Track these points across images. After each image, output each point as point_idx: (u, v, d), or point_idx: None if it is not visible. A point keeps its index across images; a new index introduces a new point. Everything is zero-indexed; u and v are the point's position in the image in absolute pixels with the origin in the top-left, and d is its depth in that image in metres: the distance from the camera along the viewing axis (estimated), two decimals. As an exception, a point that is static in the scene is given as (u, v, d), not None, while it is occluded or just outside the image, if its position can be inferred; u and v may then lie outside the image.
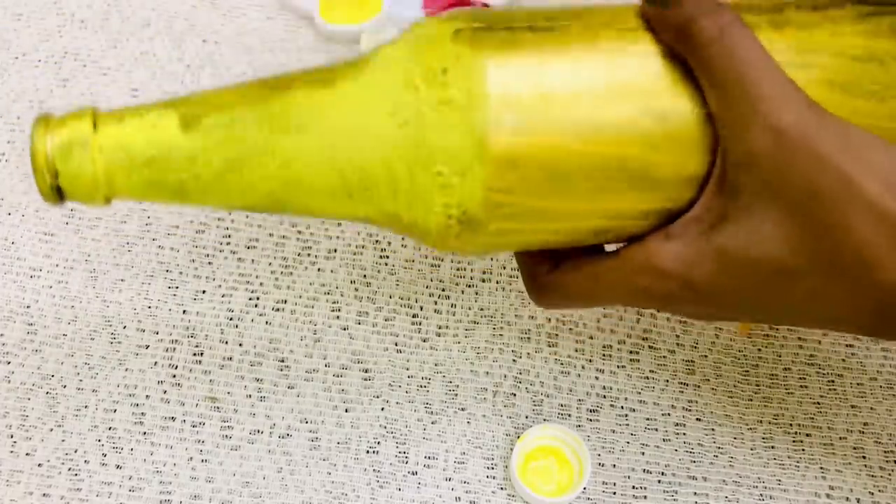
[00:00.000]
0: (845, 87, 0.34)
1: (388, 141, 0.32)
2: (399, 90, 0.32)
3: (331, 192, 0.33)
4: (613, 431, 0.44)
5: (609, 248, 0.36)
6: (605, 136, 0.32)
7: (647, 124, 0.32)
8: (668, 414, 0.45)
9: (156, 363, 0.45)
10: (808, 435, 0.45)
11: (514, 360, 0.46)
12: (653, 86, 0.33)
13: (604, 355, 0.47)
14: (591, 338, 0.47)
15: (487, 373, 0.46)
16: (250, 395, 0.45)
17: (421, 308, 0.48)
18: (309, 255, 0.49)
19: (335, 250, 0.49)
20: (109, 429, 0.43)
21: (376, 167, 0.32)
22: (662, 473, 0.43)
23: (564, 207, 0.33)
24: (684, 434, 0.44)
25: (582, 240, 0.35)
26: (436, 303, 0.48)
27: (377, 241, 0.50)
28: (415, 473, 0.43)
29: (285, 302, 0.47)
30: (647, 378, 0.46)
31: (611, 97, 0.32)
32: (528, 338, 0.47)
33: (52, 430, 0.43)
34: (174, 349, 0.46)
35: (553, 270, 0.36)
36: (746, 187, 0.32)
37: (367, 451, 0.43)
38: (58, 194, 0.32)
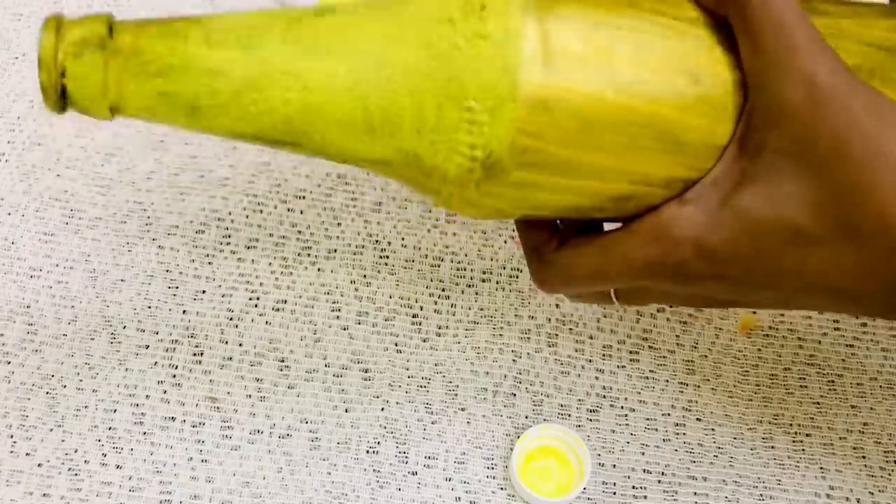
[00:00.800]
0: (872, 73, 0.34)
1: (420, 72, 0.31)
2: (434, 22, 0.31)
3: (352, 125, 0.32)
4: (613, 431, 0.44)
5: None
6: (640, 91, 0.32)
7: (682, 85, 0.32)
8: (668, 414, 0.45)
9: (156, 363, 0.45)
10: (808, 435, 0.45)
11: (514, 360, 0.46)
12: (689, 48, 0.32)
13: (604, 355, 0.47)
14: (591, 338, 0.47)
15: (487, 373, 0.46)
16: (250, 395, 0.45)
17: (421, 308, 0.48)
18: (309, 255, 0.49)
19: (335, 250, 0.49)
20: (109, 429, 0.43)
21: (403, 100, 0.31)
22: (662, 473, 0.43)
23: (590, 162, 0.32)
24: (684, 434, 0.44)
25: (600, 206, 0.34)
26: (436, 303, 0.48)
27: (377, 242, 0.50)
28: (415, 473, 0.43)
29: (285, 302, 0.47)
30: (647, 378, 0.46)
31: (649, 55, 0.32)
32: (528, 338, 0.47)
33: (52, 430, 0.43)
34: (174, 349, 0.46)
35: (560, 248, 0.35)
36: (771, 144, 0.31)
37: (367, 452, 0.43)
38: (61, 97, 0.30)
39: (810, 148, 0.31)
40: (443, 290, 0.48)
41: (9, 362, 0.45)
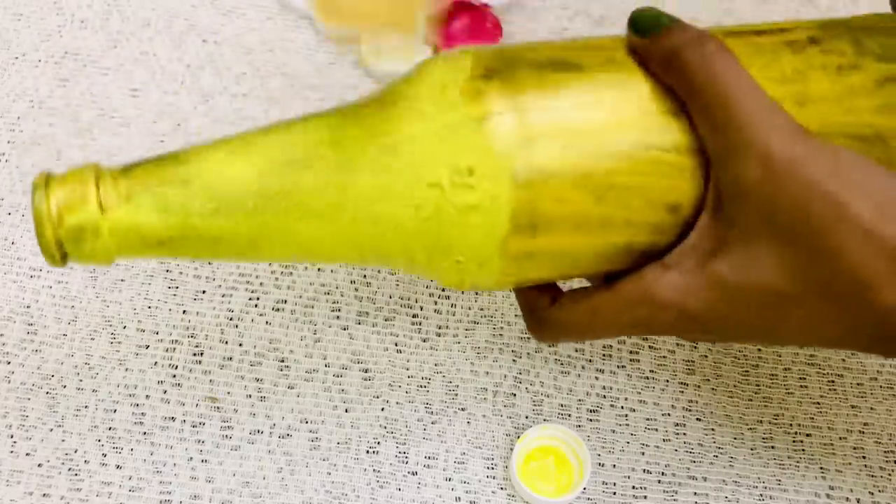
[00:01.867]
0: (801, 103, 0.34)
1: (409, 230, 0.33)
2: (423, 185, 0.32)
3: (347, 259, 0.34)
4: (613, 431, 0.44)
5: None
6: (616, 228, 0.34)
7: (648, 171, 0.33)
8: (668, 414, 0.45)
9: (156, 363, 0.45)
10: (808, 435, 0.45)
11: (514, 360, 0.46)
12: (643, 121, 0.33)
13: (604, 355, 0.47)
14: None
15: (487, 373, 0.46)
16: (250, 395, 0.45)
17: (421, 308, 0.48)
18: (309, 255, 0.49)
19: (335, 250, 0.49)
20: (109, 429, 0.43)
21: (395, 249, 0.33)
22: (662, 473, 0.43)
23: (571, 274, 0.35)
24: (684, 434, 0.44)
25: (587, 274, 0.36)
26: (436, 303, 0.48)
27: (377, 241, 0.50)
28: (415, 473, 0.43)
29: (285, 302, 0.47)
30: (647, 378, 0.46)
31: (624, 198, 0.33)
32: (528, 338, 0.47)
33: (52, 430, 0.43)
34: (174, 349, 0.46)
35: (551, 305, 0.36)
36: (739, 216, 0.32)
37: (367, 451, 0.43)
38: (65, 261, 0.32)
39: (776, 220, 0.31)
40: (443, 290, 0.48)
41: (9, 362, 0.45)
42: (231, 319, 0.47)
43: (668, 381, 0.46)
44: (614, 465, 0.43)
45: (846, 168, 0.31)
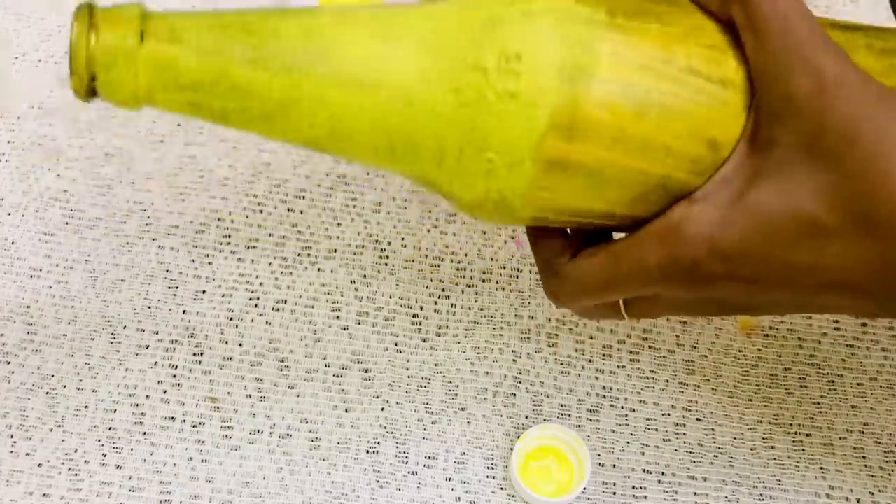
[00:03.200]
0: (883, 76, 0.34)
1: (445, 116, 0.32)
2: (467, 68, 0.31)
3: (375, 149, 0.33)
4: (613, 431, 0.44)
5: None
6: (654, 153, 0.32)
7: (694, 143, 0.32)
8: (668, 414, 0.45)
9: (156, 363, 0.45)
10: (808, 435, 0.45)
11: (514, 360, 0.46)
12: (693, 50, 0.32)
13: (604, 355, 0.47)
14: (591, 338, 0.47)
15: (487, 373, 0.46)
16: (250, 395, 0.45)
17: (421, 308, 0.48)
18: (309, 255, 0.49)
19: (335, 250, 0.49)
20: (109, 429, 0.43)
21: (427, 138, 0.32)
22: (662, 473, 0.43)
23: (599, 208, 0.34)
24: (684, 434, 0.44)
25: (612, 220, 0.35)
26: (436, 303, 0.48)
27: (377, 241, 0.50)
28: (415, 473, 0.43)
29: (285, 302, 0.47)
30: (647, 378, 0.46)
31: (672, 120, 0.32)
32: (528, 338, 0.47)
33: (52, 430, 0.43)
34: (174, 349, 0.46)
35: (572, 260, 0.35)
36: (781, 138, 0.31)
37: (367, 452, 0.43)
38: (91, 94, 0.31)
39: (820, 139, 0.31)
40: (443, 290, 0.48)
41: (9, 362, 0.45)
42: (231, 319, 0.47)
43: (668, 381, 0.46)
44: (614, 465, 0.43)
45: (892, 97, 0.31)
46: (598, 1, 0.32)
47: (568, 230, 0.37)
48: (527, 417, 0.45)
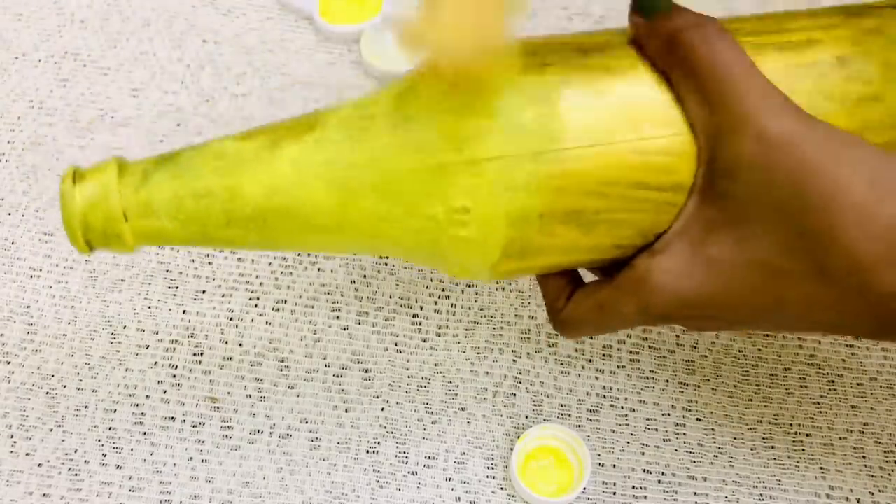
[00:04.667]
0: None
1: (409, 245, 0.35)
2: (420, 216, 0.33)
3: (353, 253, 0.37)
4: (613, 431, 0.44)
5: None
6: (604, 251, 0.35)
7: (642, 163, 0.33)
8: (668, 414, 0.45)
9: (156, 363, 0.45)
10: (808, 435, 0.45)
11: (514, 360, 0.46)
12: (642, 109, 0.33)
13: (604, 355, 0.47)
14: (591, 338, 0.47)
15: (487, 373, 0.46)
16: (250, 395, 0.45)
17: (421, 308, 0.48)
18: (309, 255, 0.49)
19: (335, 250, 0.49)
20: (109, 429, 0.43)
21: (396, 254, 0.36)
22: (662, 473, 0.43)
23: (561, 268, 0.37)
24: (684, 434, 0.44)
25: (587, 265, 0.37)
26: (436, 303, 0.48)
27: (377, 241, 0.50)
28: (415, 473, 0.43)
29: (285, 302, 0.47)
30: (647, 378, 0.46)
31: (615, 228, 0.34)
32: (528, 338, 0.47)
33: (52, 430, 0.43)
34: (174, 349, 0.46)
35: (567, 303, 0.37)
36: (734, 195, 0.32)
37: (367, 452, 0.43)
38: (92, 251, 0.34)
39: (770, 196, 0.31)
40: (443, 290, 0.48)
41: (9, 362, 0.45)
42: (231, 319, 0.47)
43: (668, 381, 0.46)
44: (614, 465, 0.43)
45: (840, 146, 0.31)
46: (545, 124, 0.33)
47: None
48: (527, 417, 0.45)
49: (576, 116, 0.33)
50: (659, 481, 0.43)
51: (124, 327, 0.46)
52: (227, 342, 0.46)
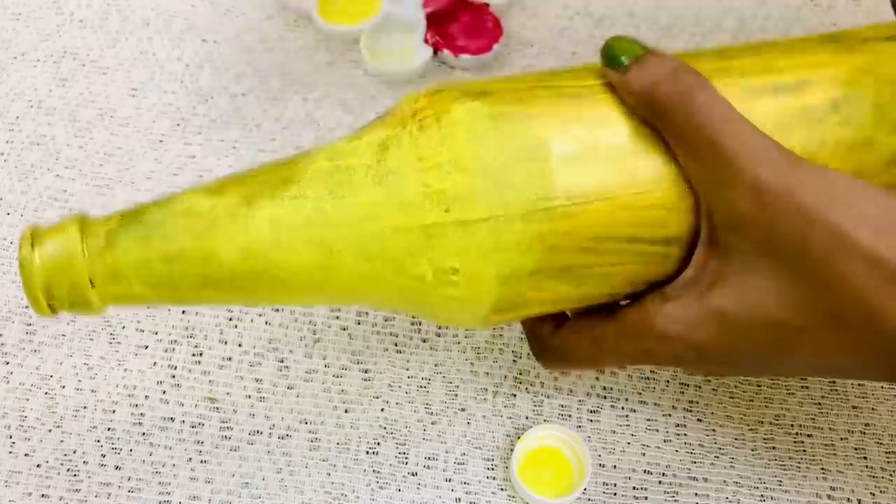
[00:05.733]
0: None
1: (395, 302, 0.35)
2: (407, 276, 0.32)
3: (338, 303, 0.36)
4: (614, 432, 0.44)
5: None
6: (596, 299, 0.35)
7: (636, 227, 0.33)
8: (669, 415, 0.45)
9: (155, 363, 0.45)
10: (809, 436, 0.45)
11: (514, 361, 0.46)
12: (638, 175, 0.33)
13: (604, 356, 0.47)
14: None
15: (487, 373, 0.46)
16: (249, 396, 0.44)
17: (421, 308, 0.48)
18: (308, 255, 0.49)
19: (335, 250, 0.49)
20: (108, 429, 0.43)
21: (383, 309, 0.37)
22: (663, 474, 0.43)
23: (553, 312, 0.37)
24: (685, 435, 0.44)
25: (585, 306, 0.36)
26: (436, 303, 0.48)
27: (377, 241, 0.50)
28: (415, 474, 0.43)
29: (285, 302, 0.47)
30: (648, 378, 0.46)
31: (607, 280, 0.34)
32: (529, 338, 0.47)
33: (50, 430, 0.43)
34: (173, 349, 0.46)
35: (556, 332, 0.36)
36: (737, 247, 0.31)
37: (367, 452, 0.43)
38: (54, 314, 0.33)
39: (774, 250, 0.30)
40: (443, 290, 0.48)
41: (7, 362, 0.45)
42: (230, 319, 0.47)
43: (668, 381, 0.46)
44: (615, 466, 0.43)
45: (841, 192, 0.30)
46: (534, 182, 0.32)
47: None
48: (527, 418, 0.44)
49: (566, 172, 0.32)
50: (660, 482, 0.43)
51: (123, 327, 0.46)
52: (226, 342, 0.46)
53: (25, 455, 0.42)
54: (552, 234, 0.32)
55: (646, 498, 0.43)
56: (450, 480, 0.43)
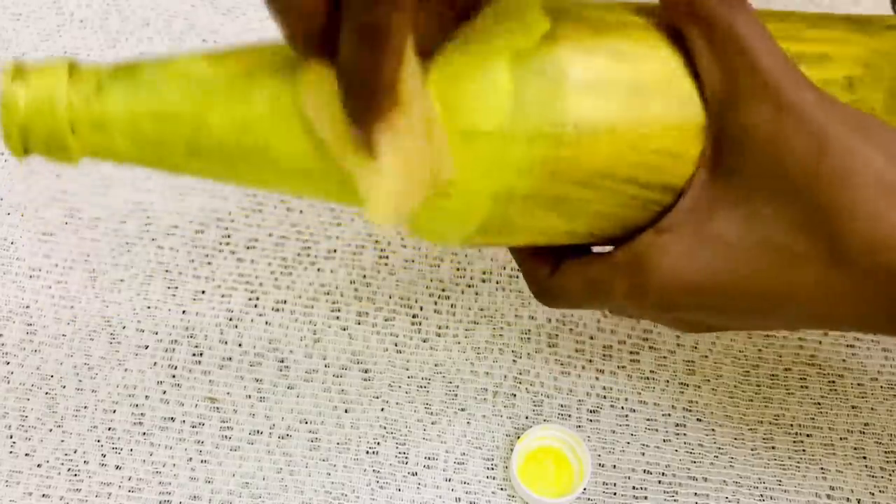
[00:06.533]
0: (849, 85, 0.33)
1: None
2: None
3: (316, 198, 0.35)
4: (614, 432, 0.44)
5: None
6: (581, 237, 0.34)
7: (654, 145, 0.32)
8: (669, 414, 0.45)
9: (155, 363, 0.45)
10: (808, 435, 0.45)
11: (514, 360, 0.46)
12: (657, 78, 0.32)
13: (604, 356, 0.47)
14: (592, 338, 0.47)
15: (487, 373, 0.46)
16: (250, 396, 0.45)
17: (421, 308, 0.48)
18: (309, 255, 0.49)
19: (335, 250, 0.49)
20: (109, 429, 0.43)
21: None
22: (663, 474, 0.43)
23: (544, 242, 0.35)
24: (685, 434, 0.44)
25: (576, 241, 0.35)
26: (436, 303, 0.48)
27: (377, 241, 0.50)
28: (415, 474, 0.43)
29: (285, 302, 0.47)
30: (648, 378, 0.46)
31: (596, 220, 0.33)
32: (528, 338, 0.47)
33: (51, 430, 0.43)
34: (173, 349, 0.46)
35: (553, 273, 0.35)
36: (743, 168, 0.30)
37: (367, 452, 0.43)
38: (27, 155, 0.31)
39: (783, 169, 0.30)
40: (443, 290, 0.48)
41: (8, 362, 0.45)
42: (231, 319, 0.47)
43: (668, 381, 0.46)
44: (614, 466, 0.43)
45: (857, 119, 0.30)
46: (547, 104, 0.31)
47: None
48: (527, 418, 0.45)
49: (581, 101, 0.31)
50: (659, 482, 0.43)
51: (124, 327, 0.46)
52: (226, 342, 0.46)
53: (26, 455, 0.42)
54: (554, 161, 0.31)
55: (645, 497, 0.43)
56: (450, 480, 0.43)
